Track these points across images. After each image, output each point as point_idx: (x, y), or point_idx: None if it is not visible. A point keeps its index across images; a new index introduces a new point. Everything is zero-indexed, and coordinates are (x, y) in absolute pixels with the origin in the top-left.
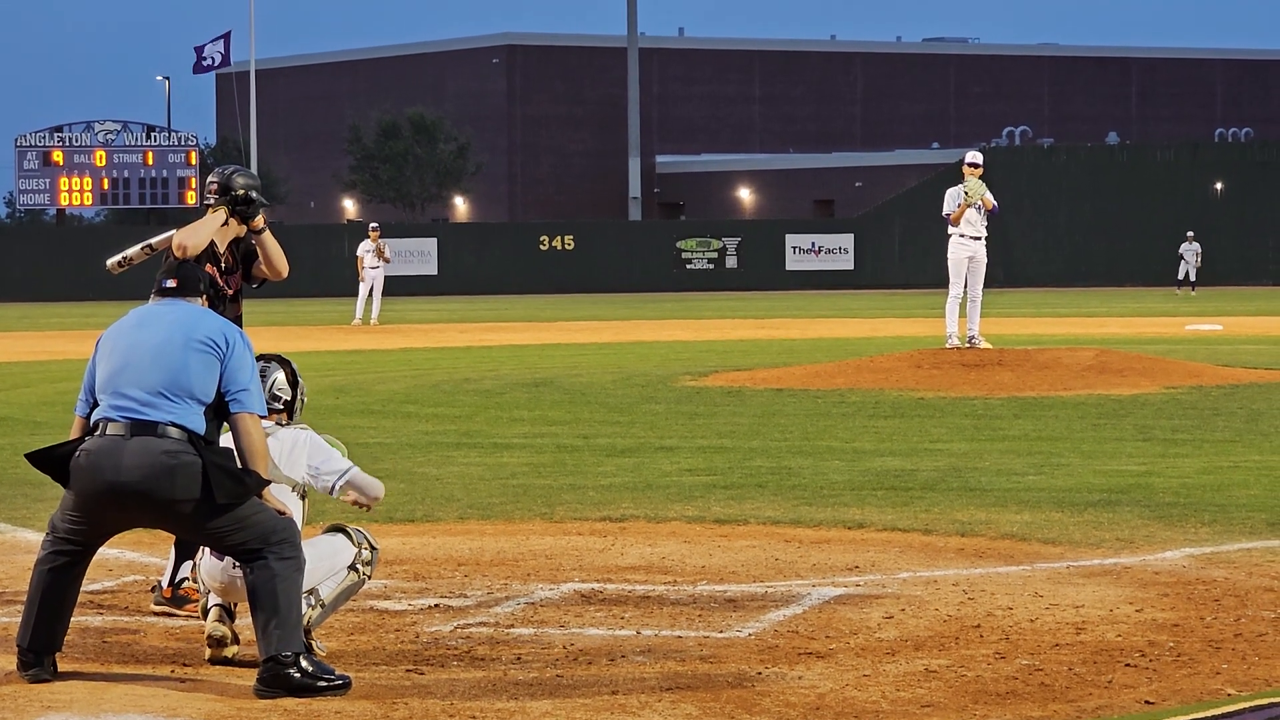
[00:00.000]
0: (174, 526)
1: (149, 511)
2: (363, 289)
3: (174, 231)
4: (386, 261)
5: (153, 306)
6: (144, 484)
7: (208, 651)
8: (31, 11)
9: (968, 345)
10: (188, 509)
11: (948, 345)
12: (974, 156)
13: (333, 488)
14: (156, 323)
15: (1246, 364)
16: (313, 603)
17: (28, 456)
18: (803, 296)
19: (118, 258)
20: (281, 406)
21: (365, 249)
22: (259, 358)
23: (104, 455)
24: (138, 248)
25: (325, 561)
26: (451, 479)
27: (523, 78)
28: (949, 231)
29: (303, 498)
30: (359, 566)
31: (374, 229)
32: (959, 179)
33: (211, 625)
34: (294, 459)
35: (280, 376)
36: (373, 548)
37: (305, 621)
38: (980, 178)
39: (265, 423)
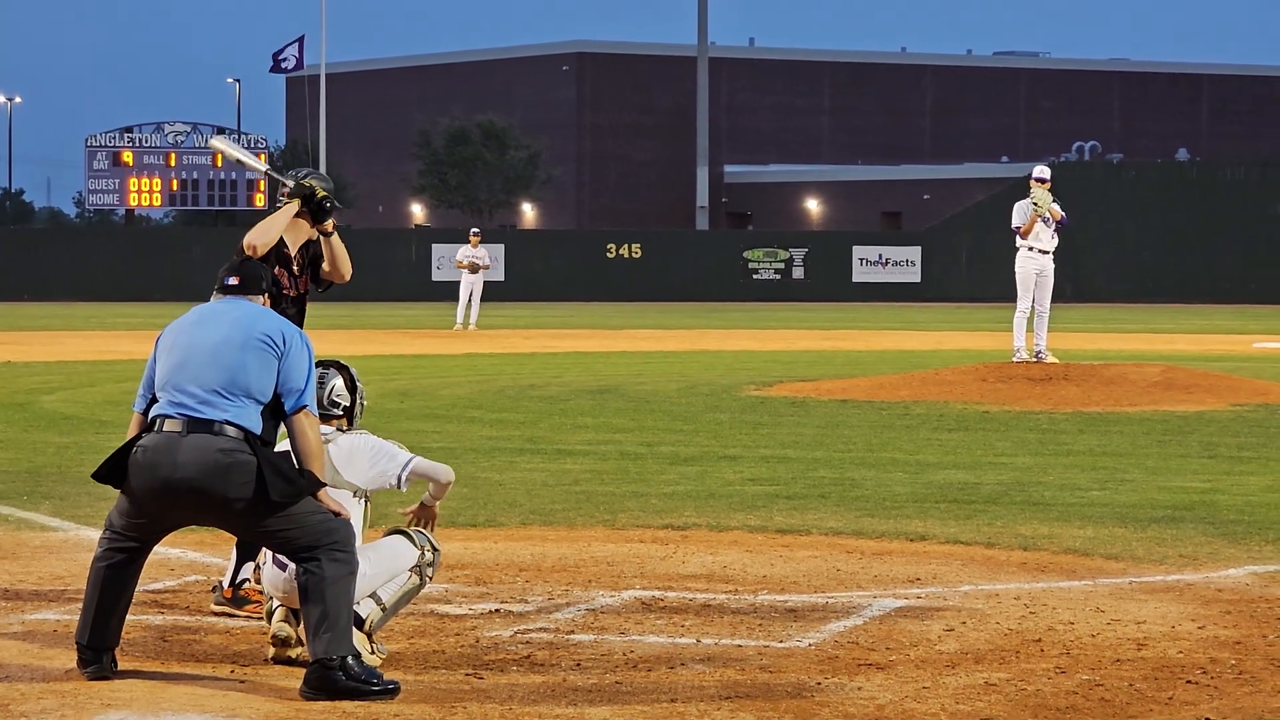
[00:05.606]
0: (228, 524)
1: (203, 509)
2: (463, 294)
3: (273, 174)
4: (485, 268)
5: (214, 304)
6: (199, 481)
7: (271, 651)
8: (102, 13)
9: (1034, 359)
10: (241, 507)
11: (1014, 359)
12: (1041, 171)
13: (399, 480)
14: (216, 320)
15: None
16: (374, 605)
17: (94, 477)
18: (869, 308)
19: (228, 145)
20: (340, 412)
21: (465, 254)
22: (318, 363)
23: (160, 452)
24: (253, 160)
25: (387, 564)
26: (514, 484)
27: (592, 86)
28: (1017, 245)
29: (365, 502)
30: (421, 568)
31: (475, 234)
32: (1027, 193)
33: (277, 625)
34: (354, 464)
35: (339, 382)
36: (434, 549)
37: (367, 624)
38: (1049, 191)
39: (325, 428)
